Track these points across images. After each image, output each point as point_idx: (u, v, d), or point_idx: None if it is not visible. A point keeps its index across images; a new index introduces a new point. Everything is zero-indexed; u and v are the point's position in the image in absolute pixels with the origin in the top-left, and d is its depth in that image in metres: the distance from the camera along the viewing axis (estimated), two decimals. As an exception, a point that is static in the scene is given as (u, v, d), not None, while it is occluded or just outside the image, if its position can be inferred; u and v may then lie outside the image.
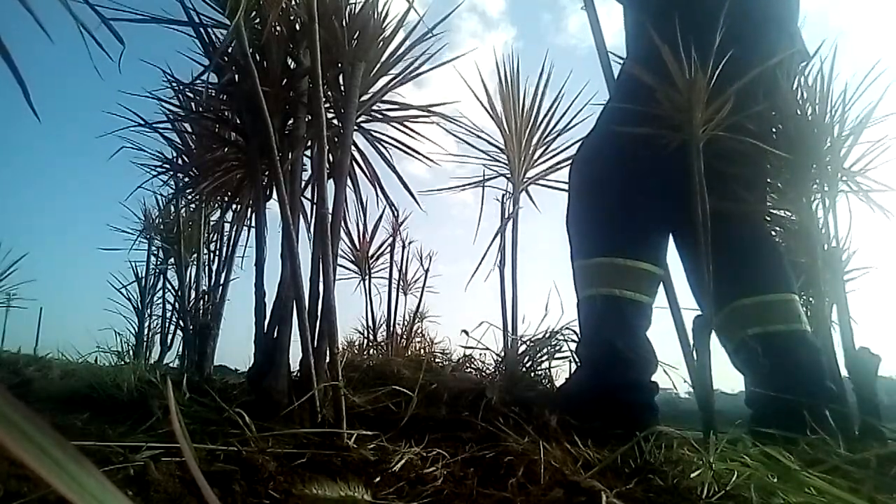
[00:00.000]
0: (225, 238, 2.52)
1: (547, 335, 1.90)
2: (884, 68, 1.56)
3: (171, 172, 2.18)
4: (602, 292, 1.56)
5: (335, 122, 1.55)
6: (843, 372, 1.53)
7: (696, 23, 1.39)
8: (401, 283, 3.10)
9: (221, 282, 2.42)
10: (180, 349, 2.47)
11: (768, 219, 1.80)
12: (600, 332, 1.57)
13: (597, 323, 1.60)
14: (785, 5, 1.71)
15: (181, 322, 2.49)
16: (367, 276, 3.07)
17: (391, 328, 2.94)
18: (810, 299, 1.95)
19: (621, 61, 1.83)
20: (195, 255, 2.54)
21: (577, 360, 1.74)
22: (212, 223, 2.63)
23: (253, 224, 1.65)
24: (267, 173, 1.50)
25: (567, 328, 1.87)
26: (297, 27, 1.52)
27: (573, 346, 1.82)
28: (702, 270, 1.30)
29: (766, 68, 1.46)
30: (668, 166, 1.47)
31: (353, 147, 1.53)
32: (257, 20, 1.49)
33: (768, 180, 1.73)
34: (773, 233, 1.92)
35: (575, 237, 1.71)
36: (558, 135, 2.22)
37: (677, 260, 1.72)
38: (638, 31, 1.74)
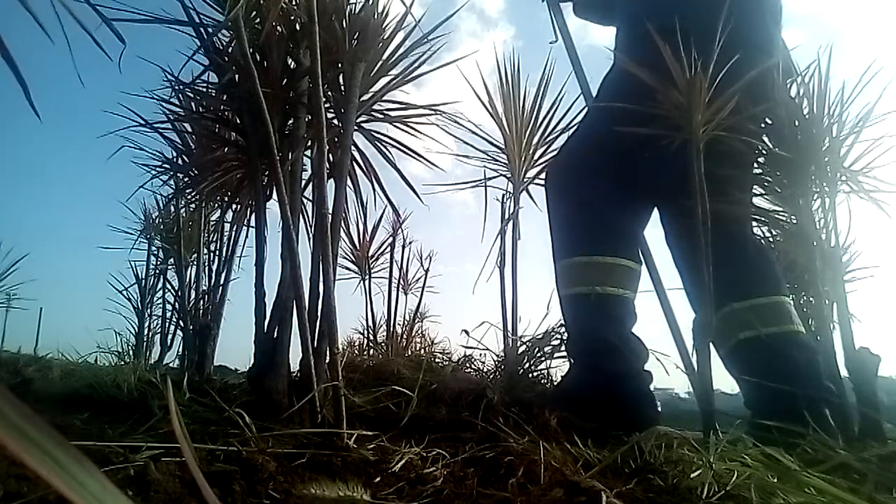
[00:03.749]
0: (225, 238, 2.52)
1: (548, 335, 1.90)
2: (881, 67, 1.56)
3: (171, 172, 2.17)
4: (585, 290, 1.61)
5: (335, 122, 1.55)
6: (843, 372, 1.53)
7: (690, 25, 1.40)
8: (401, 282, 3.10)
9: (221, 282, 2.42)
10: (180, 349, 2.47)
11: (763, 219, 1.80)
12: (589, 328, 1.62)
13: (584, 319, 1.64)
14: (774, 24, 1.73)
15: (181, 322, 2.49)
16: (367, 276, 3.07)
17: (391, 328, 2.94)
18: (810, 299, 1.95)
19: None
20: (195, 255, 2.54)
21: (570, 358, 1.76)
22: (212, 223, 2.63)
23: (253, 224, 1.65)
24: (267, 173, 1.50)
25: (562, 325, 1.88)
26: (297, 27, 1.52)
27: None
28: (701, 271, 1.31)
29: (761, 71, 1.47)
30: (647, 166, 1.54)
31: (353, 147, 1.53)
32: (257, 20, 1.49)
33: (766, 181, 1.74)
34: (770, 234, 1.93)
35: (556, 237, 1.76)
36: (559, 134, 2.21)
37: (661, 260, 1.75)
38: (631, 34, 1.75)
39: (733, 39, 1.39)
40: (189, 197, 2.46)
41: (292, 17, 1.51)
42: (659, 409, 1.56)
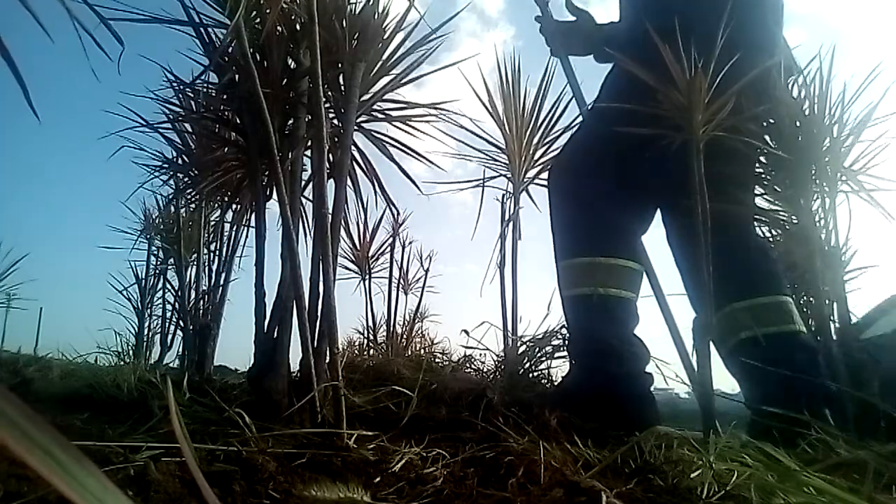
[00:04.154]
0: (225, 238, 2.52)
1: (548, 335, 1.90)
2: (882, 69, 1.56)
3: (171, 172, 2.17)
4: (586, 291, 1.61)
5: (335, 122, 1.55)
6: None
7: (692, 27, 1.40)
8: (401, 282, 3.10)
9: (221, 282, 2.42)
10: (180, 349, 2.47)
11: (763, 219, 1.80)
12: (590, 328, 1.62)
13: (585, 320, 1.64)
14: (775, 23, 1.73)
15: (181, 322, 2.49)
16: (367, 276, 3.07)
17: (391, 328, 2.94)
18: (810, 299, 1.95)
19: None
20: (195, 256, 2.54)
21: (571, 359, 1.76)
22: (212, 223, 2.63)
23: (253, 224, 1.65)
24: (267, 173, 1.50)
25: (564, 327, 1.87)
26: (298, 27, 1.52)
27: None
28: (701, 271, 1.31)
29: (762, 70, 1.47)
30: (648, 166, 1.54)
31: (353, 147, 1.53)
32: (258, 20, 1.49)
33: (765, 181, 1.74)
34: (770, 234, 1.93)
35: (557, 238, 1.76)
36: (559, 134, 2.22)
37: (663, 261, 1.75)
38: (632, 34, 1.75)
39: (734, 39, 1.39)
40: (189, 197, 2.46)
41: (292, 17, 1.51)
42: (658, 410, 1.56)
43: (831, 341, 1.54)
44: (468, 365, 2.19)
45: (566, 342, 1.81)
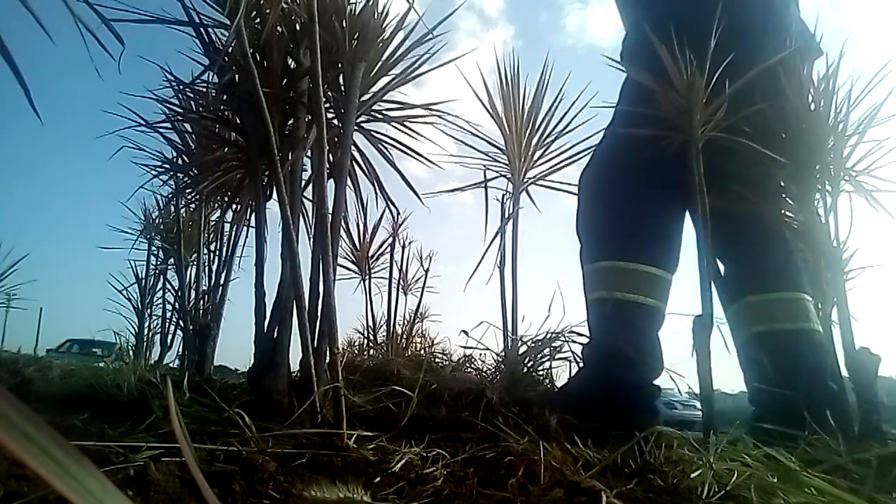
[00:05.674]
0: (225, 238, 2.52)
1: (548, 336, 1.90)
2: (890, 69, 1.55)
3: (171, 172, 2.18)
4: (604, 296, 1.58)
5: (335, 122, 1.55)
6: (844, 372, 1.53)
7: (693, 24, 1.40)
8: (401, 283, 3.11)
9: (221, 282, 2.42)
10: (180, 349, 2.47)
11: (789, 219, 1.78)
12: (603, 334, 1.59)
13: (601, 325, 1.62)
14: (783, 4, 1.71)
15: (181, 322, 2.49)
16: (367, 276, 3.07)
17: (391, 328, 2.94)
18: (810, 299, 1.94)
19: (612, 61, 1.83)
20: (195, 255, 2.54)
21: (581, 360, 1.74)
22: (212, 223, 2.63)
23: (253, 224, 1.65)
24: (267, 173, 1.50)
25: (571, 331, 1.87)
26: (298, 27, 1.52)
27: (575, 347, 1.83)
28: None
29: (766, 68, 1.46)
30: (674, 169, 1.48)
31: (353, 147, 1.53)
32: (258, 20, 1.49)
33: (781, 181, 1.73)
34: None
35: (583, 242, 1.74)
36: (559, 135, 2.21)
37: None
38: (637, 35, 1.74)
39: (736, 28, 1.38)
40: (189, 197, 2.46)
41: (292, 17, 1.51)
42: (661, 423, 1.53)
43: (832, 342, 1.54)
44: (468, 365, 2.18)
45: (585, 344, 1.77)
